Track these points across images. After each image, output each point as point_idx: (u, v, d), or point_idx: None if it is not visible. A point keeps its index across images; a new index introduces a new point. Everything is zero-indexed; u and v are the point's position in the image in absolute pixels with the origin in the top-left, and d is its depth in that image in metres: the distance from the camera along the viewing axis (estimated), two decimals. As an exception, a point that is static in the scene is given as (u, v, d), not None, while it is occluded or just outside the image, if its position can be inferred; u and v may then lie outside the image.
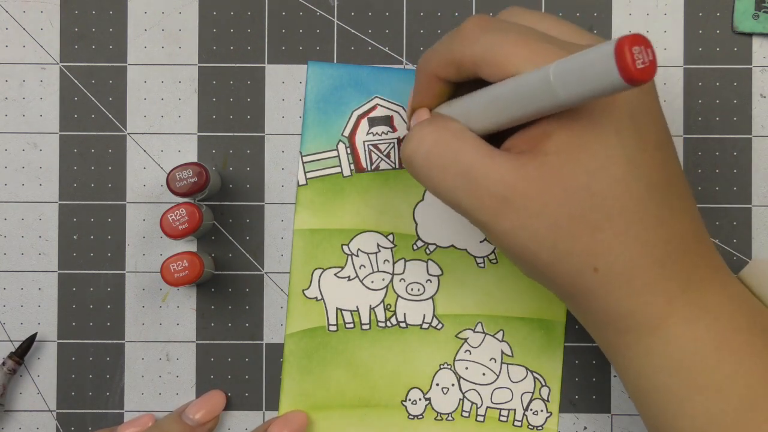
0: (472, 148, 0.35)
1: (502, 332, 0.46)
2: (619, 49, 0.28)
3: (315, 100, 0.46)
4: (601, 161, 0.33)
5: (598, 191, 0.33)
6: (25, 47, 0.47)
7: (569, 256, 0.34)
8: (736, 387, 0.34)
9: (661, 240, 0.34)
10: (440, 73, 0.37)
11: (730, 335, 0.34)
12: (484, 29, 0.35)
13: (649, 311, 0.34)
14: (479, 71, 0.35)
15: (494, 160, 0.34)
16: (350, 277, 0.46)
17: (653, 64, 0.29)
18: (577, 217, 0.33)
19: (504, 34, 0.35)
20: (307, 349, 0.46)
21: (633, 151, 0.34)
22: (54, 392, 0.46)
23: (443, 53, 0.36)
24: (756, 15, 0.45)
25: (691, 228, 0.35)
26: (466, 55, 0.35)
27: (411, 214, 0.46)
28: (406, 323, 0.46)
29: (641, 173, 0.34)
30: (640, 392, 0.36)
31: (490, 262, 0.46)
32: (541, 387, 0.46)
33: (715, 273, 0.36)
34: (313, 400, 0.46)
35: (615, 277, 0.34)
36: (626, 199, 0.33)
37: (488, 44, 0.35)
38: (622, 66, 0.28)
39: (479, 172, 0.34)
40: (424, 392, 0.46)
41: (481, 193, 0.34)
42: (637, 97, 0.34)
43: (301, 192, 0.46)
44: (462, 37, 0.36)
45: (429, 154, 0.35)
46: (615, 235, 0.33)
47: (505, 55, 0.34)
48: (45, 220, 0.46)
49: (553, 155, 0.33)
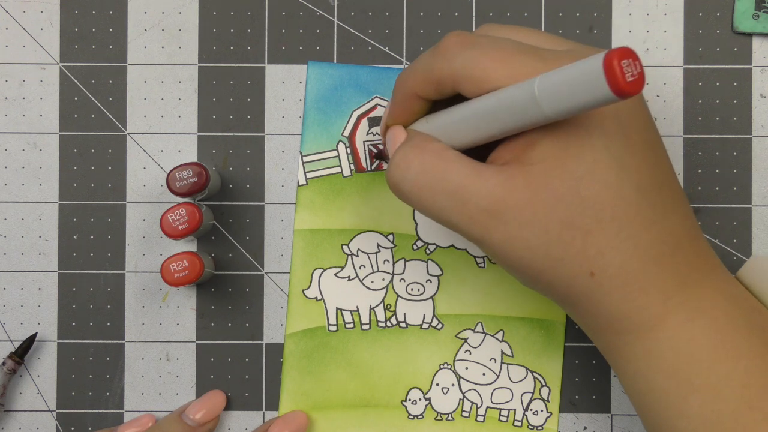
0: (458, 167, 0.35)
1: (502, 332, 0.46)
2: (607, 63, 0.28)
3: (315, 100, 0.46)
4: (589, 166, 0.33)
5: (587, 196, 0.33)
6: (25, 47, 0.47)
7: (563, 262, 0.34)
8: (733, 387, 0.34)
9: (654, 241, 0.34)
10: (419, 91, 0.37)
11: (726, 335, 0.34)
12: (463, 45, 0.35)
13: (645, 313, 0.34)
14: (459, 87, 0.35)
15: (481, 175, 0.34)
16: (350, 277, 0.46)
17: (641, 76, 0.29)
18: (568, 222, 0.33)
19: (482, 49, 0.35)
20: (307, 349, 0.46)
21: (620, 153, 0.34)
22: (54, 392, 0.46)
23: (422, 71, 0.36)
24: (756, 15, 0.45)
25: (684, 228, 0.35)
26: (444, 71, 0.35)
27: (411, 214, 0.46)
28: (406, 323, 0.46)
29: (630, 175, 0.34)
30: (639, 393, 0.36)
31: (490, 262, 0.46)
32: (541, 387, 0.46)
33: (711, 272, 0.36)
34: (313, 400, 0.46)
35: (610, 281, 0.34)
36: (616, 202, 0.33)
37: (467, 60, 0.35)
38: (612, 79, 0.28)
39: (467, 190, 0.34)
40: (424, 392, 0.46)
41: (471, 211, 0.34)
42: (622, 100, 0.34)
43: (301, 192, 0.46)
44: (441, 54, 0.36)
45: (416, 178, 0.35)
46: (607, 238, 0.33)
47: (484, 69, 0.34)
48: (45, 220, 0.46)
49: (540, 164, 0.33)
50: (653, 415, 0.36)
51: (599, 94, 0.29)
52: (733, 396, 0.34)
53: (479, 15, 0.46)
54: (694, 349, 0.34)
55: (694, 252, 0.35)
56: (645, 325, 0.34)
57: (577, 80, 0.30)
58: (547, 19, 0.46)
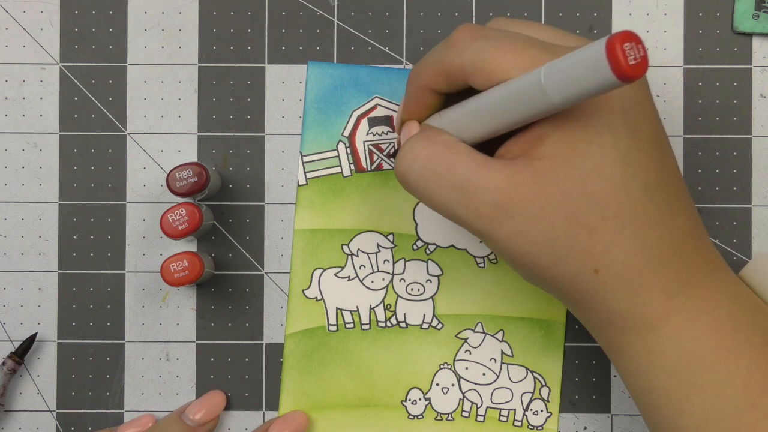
0: (466, 160, 0.35)
1: (502, 332, 0.46)
2: (610, 47, 0.28)
3: (315, 100, 0.46)
4: (596, 162, 0.33)
5: (593, 192, 0.33)
6: (25, 47, 0.47)
7: (567, 258, 0.34)
8: (735, 386, 0.34)
9: (659, 239, 0.34)
10: (431, 84, 0.37)
11: (729, 334, 0.34)
12: (474, 37, 0.35)
13: (649, 311, 0.34)
14: (469, 79, 0.35)
15: (489, 169, 0.34)
16: (350, 277, 0.46)
17: (645, 60, 0.29)
18: (573, 219, 0.33)
19: (493, 41, 0.35)
20: (307, 349, 0.46)
21: (628, 150, 0.34)
22: (54, 392, 0.46)
23: (433, 63, 0.37)
24: (756, 15, 0.45)
25: (689, 227, 0.35)
26: (455, 63, 0.35)
27: (411, 214, 0.46)
28: (406, 323, 0.46)
29: (636, 172, 0.34)
30: (640, 390, 0.36)
31: (490, 262, 0.46)
32: (541, 387, 0.46)
33: (714, 271, 0.36)
34: (313, 400, 0.46)
35: (614, 278, 0.34)
36: (622, 199, 0.33)
37: (477, 51, 0.35)
38: (614, 63, 0.28)
39: (474, 183, 0.34)
40: (424, 392, 0.46)
41: (477, 204, 0.34)
42: (630, 97, 0.34)
43: (301, 192, 0.46)
44: (451, 46, 0.36)
45: (423, 169, 0.35)
46: (612, 235, 0.34)
47: (495, 62, 0.34)
48: (45, 220, 0.46)
49: (548, 159, 0.33)
50: (655, 413, 0.36)
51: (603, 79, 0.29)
52: (735, 395, 0.34)
53: (479, 15, 0.46)
54: (696, 347, 0.34)
55: (698, 251, 0.35)
56: (648, 323, 0.34)
57: (581, 65, 0.30)
58: (547, 19, 0.46)
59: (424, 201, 0.36)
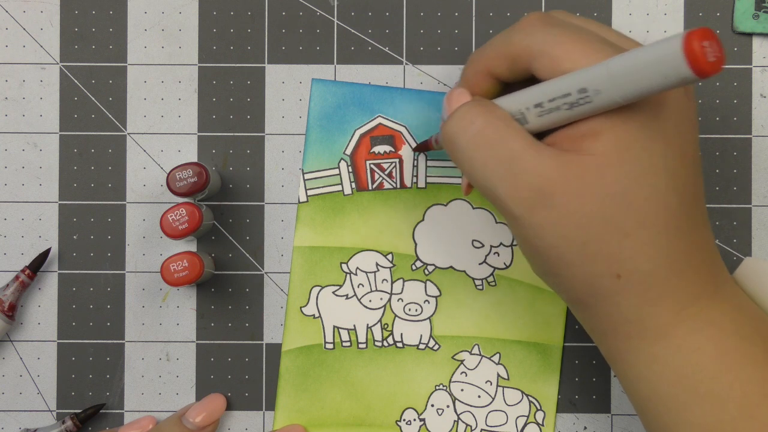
0: (520, 137, 0.34)
1: (499, 355, 0.46)
2: (688, 44, 0.29)
3: (318, 117, 0.46)
4: (645, 168, 0.33)
5: (634, 198, 0.33)
6: (25, 47, 0.47)
7: (594, 258, 0.34)
8: (734, 396, 0.34)
9: (683, 252, 0.34)
10: (492, 67, 0.37)
11: (731, 345, 0.35)
12: (544, 23, 0.35)
13: (658, 320, 0.34)
14: (535, 64, 0.35)
15: (540, 153, 0.34)
16: (348, 295, 0.46)
17: (720, 60, 0.29)
18: (610, 221, 0.33)
19: (563, 29, 0.35)
20: (303, 367, 0.46)
21: (674, 162, 0.34)
22: (54, 392, 0.46)
23: (499, 45, 0.36)
24: (756, 15, 0.45)
25: (708, 242, 0.36)
26: (524, 45, 0.35)
27: (411, 234, 0.46)
28: (403, 343, 0.46)
29: (677, 185, 0.34)
30: (640, 397, 0.36)
31: (489, 285, 0.46)
32: (536, 411, 0.46)
33: (723, 285, 0.36)
34: (308, 418, 0.46)
35: (634, 285, 0.34)
36: (660, 209, 0.33)
37: (547, 37, 0.34)
38: (693, 60, 0.29)
39: (523, 164, 0.34)
40: (419, 413, 0.46)
41: (519, 184, 0.34)
42: (684, 112, 0.34)
43: (301, 209, 0.46)
44: (521, 29, 0.36)
45: (477, 135, 0.35)
46: (642, 243, 0.33)
47: (564, 50, 0.34)
48: (45, 220, 0.46)
49: (600, 156, 0.33)
50: (654, 421, 0.36)
51: (676, 75, 0.29)
52: (734, 405, 0.34)
53: (479, 15, 0.46)
54: (700, 357, 0.34)
55: (711, 265, 0.36)
56: (655, 331, 0.34)
57: (653, 60, 0.30)
58: (547, 19, 0.46)
59: (465, 169, 0.35)
